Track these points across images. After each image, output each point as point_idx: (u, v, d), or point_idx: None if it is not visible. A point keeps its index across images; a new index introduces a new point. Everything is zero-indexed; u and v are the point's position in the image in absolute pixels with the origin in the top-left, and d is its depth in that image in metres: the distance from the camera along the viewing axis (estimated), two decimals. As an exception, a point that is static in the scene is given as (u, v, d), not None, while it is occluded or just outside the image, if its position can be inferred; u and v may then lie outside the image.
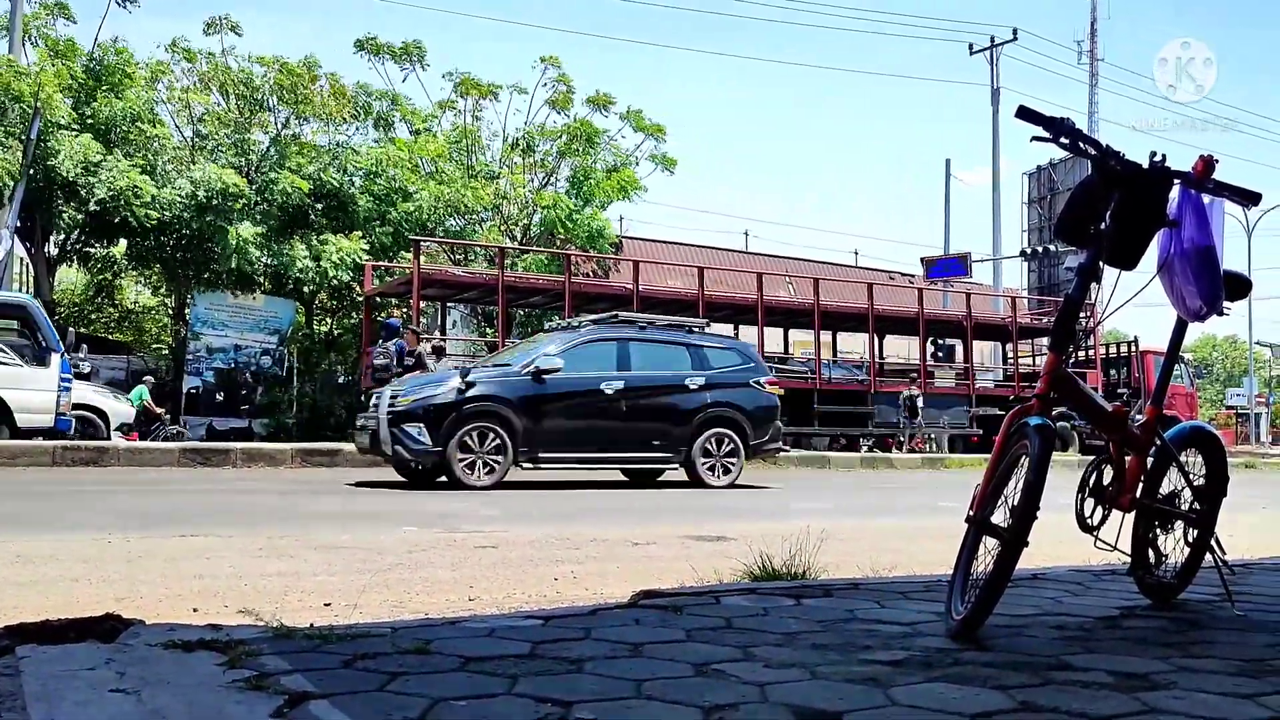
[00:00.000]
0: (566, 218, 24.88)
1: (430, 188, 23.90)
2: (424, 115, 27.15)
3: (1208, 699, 2.12)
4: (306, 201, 22.69)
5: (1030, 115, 2.85)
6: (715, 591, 3.41)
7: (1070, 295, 2.88)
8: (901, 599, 3.34)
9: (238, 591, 4.11)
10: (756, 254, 36.22)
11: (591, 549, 5.77)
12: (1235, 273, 3.06)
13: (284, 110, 24.23)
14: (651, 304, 22.72)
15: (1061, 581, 3.80)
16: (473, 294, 23.11)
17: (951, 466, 18.65)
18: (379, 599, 3.98)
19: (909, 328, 25.02)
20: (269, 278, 23.15)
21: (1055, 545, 4.27)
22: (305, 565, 4.92)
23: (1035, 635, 2.79)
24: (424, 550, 5.58)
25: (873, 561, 4.57)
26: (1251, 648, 2.67)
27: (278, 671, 2.16)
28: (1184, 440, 3.33)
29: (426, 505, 8.74)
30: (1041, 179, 36.66)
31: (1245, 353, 57.77)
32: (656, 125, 27.82)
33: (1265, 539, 6.05)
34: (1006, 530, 2.69)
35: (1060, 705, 2.04)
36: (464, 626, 2.76)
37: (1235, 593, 3.40)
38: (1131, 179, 2.82)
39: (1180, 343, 3.38)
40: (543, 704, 1.98)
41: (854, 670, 2.32)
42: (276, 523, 6.92)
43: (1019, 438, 2.82)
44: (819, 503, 9.91)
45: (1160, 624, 3.03)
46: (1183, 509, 3.31)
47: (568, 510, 8.76)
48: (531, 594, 4.23)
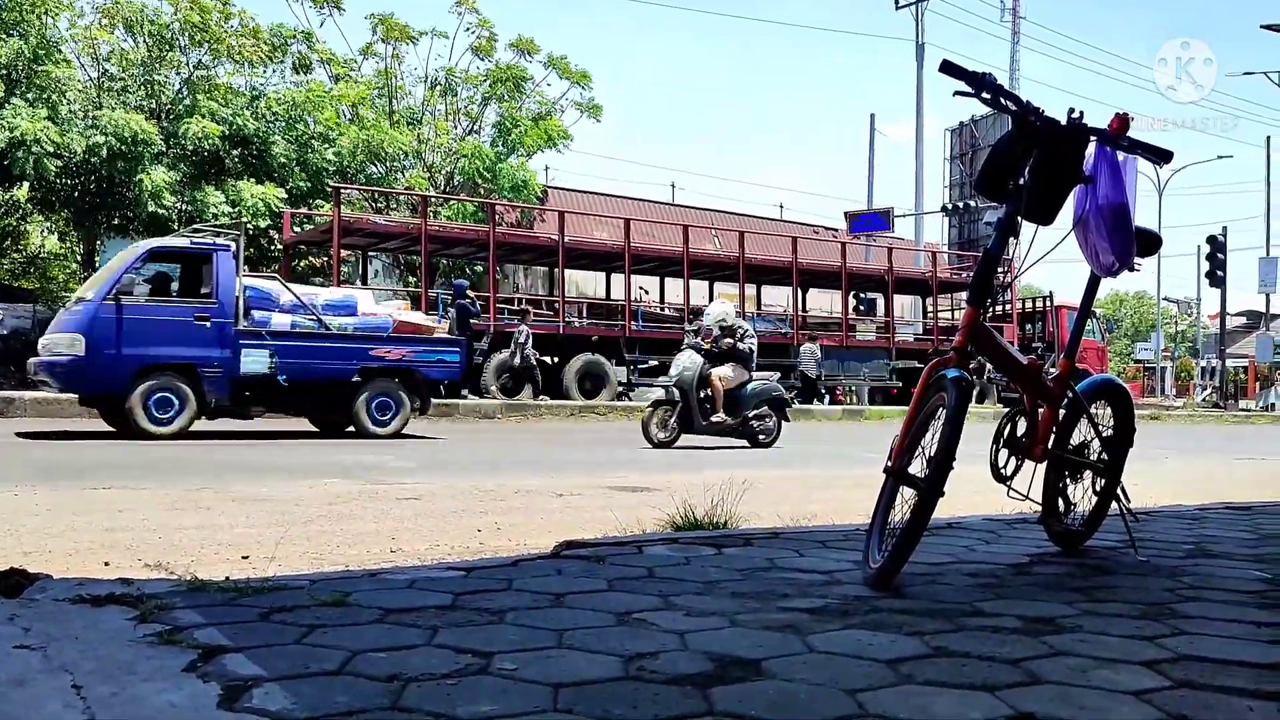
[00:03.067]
0: (487, 168, 24.55)
1: (351, 133, 23.38)
2: (344, 60, 26.48)
3: (1109, 641, 2.19)
4: (221, 146, 22.02)
5: (953, 70, 2.87)
6: (638, 541, 3.43)
7: (988, 250, 2.92)
8: (821, 548, 3.39)
9: (151, 545, 4.02)
10: (683, 206, 36.16)
11: (515, 500, 5.76)
12: (1146, 229, 3.13)
13: (195, 51, 23.41)
14: (577, 255, 22.63)
15: (976, 530, 3.89)
16: (395, 243, 22.76)
17: (871, 418, 19.00)
18: (298, 551, 3.93)
19: (832, 281, 25.31)
20: (184, 224, 22.48)
21: (973, 494, 4.37)
22: (222, 518, 4.84)
23: (950, 582, 2.86)
24: (345, 502, 5.52)
25: (793, 511, 4.64)
26: (1152, 592, 2.76)
27: (191, 625, 2.11)
28: (1094, 393, 3.42)
29: (348, 457, 8.64)
30: (964, 135, 37.11)
31: (1153, 308, 59.61)
32: (582, 72, 27.55)
33: (1169, 488, 6.28)
34: (923, 481, 2.73)
35: (971, 650, 2.09)
36: (384, 579, 2.73)
37: (1138, 539, 3.52)
38: (1049, 135, 2.86)
39: (1093, 297, 3.46)
40: (463, 655, 1.97)
41: (773, 618, 2.35)
42: (192, 475, 6.79)
43: (936, 390, 2.87)
44: (742, 454, 10.02)
45: (1068, 570, 3.13)
46: (1092, 459, 3.41)
47: (491, 460, 8.73)
48: (455, 545, 4.21)
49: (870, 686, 1.83)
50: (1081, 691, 1.82)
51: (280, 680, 1.76)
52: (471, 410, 16.23)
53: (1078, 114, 2.92)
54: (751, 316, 23.24)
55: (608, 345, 20.31)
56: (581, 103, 27.89)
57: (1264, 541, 3.81)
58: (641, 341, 20.71)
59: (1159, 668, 1.99)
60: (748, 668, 1.93)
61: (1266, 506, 5.07)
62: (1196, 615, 2.48)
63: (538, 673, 1.86)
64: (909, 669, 1.95)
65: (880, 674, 1.91)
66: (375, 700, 1.68)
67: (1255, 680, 1.92)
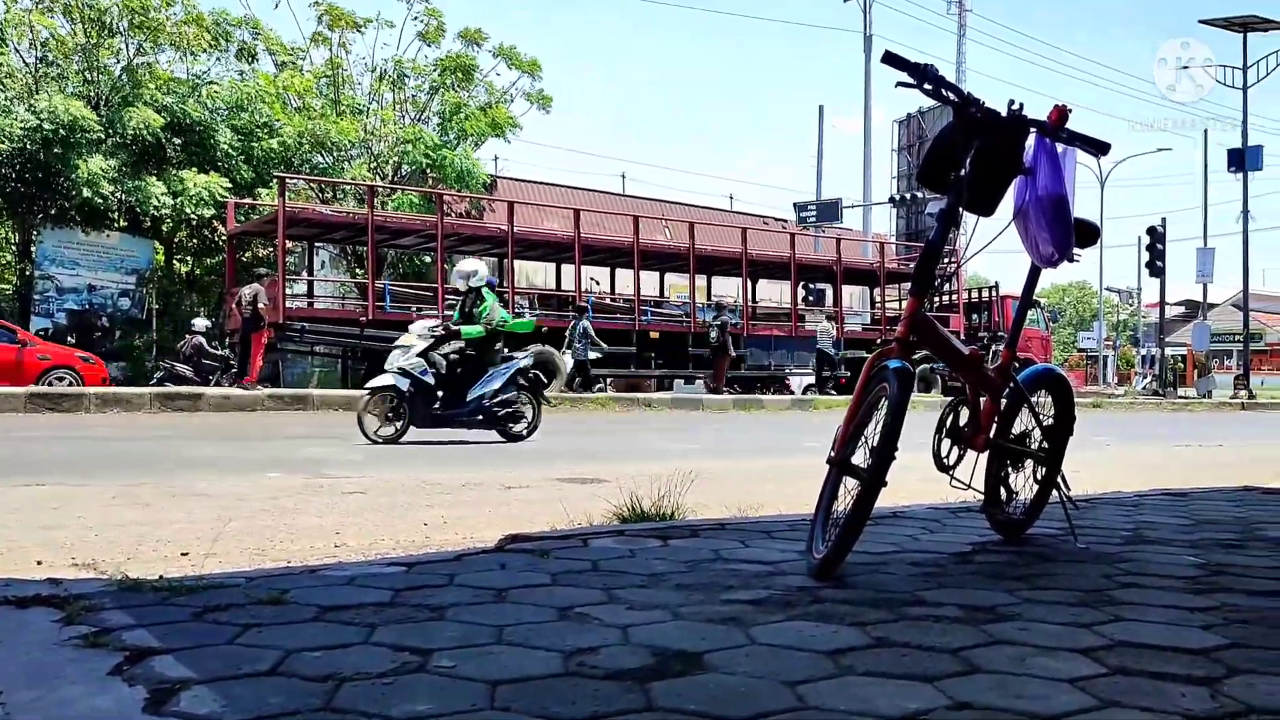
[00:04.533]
0: (432, 150, 24.31)
1: (296, 122, 23.04)
2: (290, 48, 26.08)
3: (1048, 629, 2.22)
4: (162, 135, 21.58)
5: (895, 61, 2.88)
6: (583, 534, 3.41)
7: (930, 241, 2.94)
8: (766, 538, 3.40)
9: (88, 543, 3.92)
10: (633, 197, 36.10)
11: (463, 493, 5.71)
12: (1085, 220, 3.16)
13: (136, 37, 22.91)
14: (527, 246, 22.50)
15: (920, 519, 3.92)
16: (341, 234, 22.46)
17: (820, 408, 19.12)
18: (240, 548, 3.86)
19: (781, 272, 25.40)
20: (123, 214, 22.05)
21: (918, 484, 4.41)
22: (162, 514, 4.73)
23: (893, 572, 2.88)
24: (289, 496, 5.43)
25: (740, 501, 4.65)
26: (1090, 579, 2.80)
27: (120, 627, 2.06)
28: (1035, 382, 3.46)
29: (292, 451, 8.52)
30: (911, 126, 37.45)
31: (1095, 298, 60.63)
32: (532, 61, 27.38)
33: (1109, 475, 6.38)
34: (866, 471, 2.74)
35: (912, 640, 2.10)
36: (324, 575, 2.69)
37: (1078, 527, 3.57)
38: (989, 126, 2.88)
39: (1034, 288, 3.49)
40: (401, 653, 1.94)
41: (716, 610, 2.35)
42: (132, 470, 6.64)
43: (879, 381, 2.88)
44: (692, 444, 10.03)
45: (1009, 558, 3.16)
46: (1033, 448, 3.44)
47: (439, 453, 8.66)
48: (400, 540, 4.16)
49: (811, 679, 1.83)
50: (1019, 680, 1.84)
51: (210, 682, 1.72)
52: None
53: (1017, 105, 2.94)
54: (702, 307, 23.28)
55: (558, 336, 20.23)
56: (531, 93, 27.74)
57: (1199, 527, 3.88)
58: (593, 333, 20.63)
59: (1095, 655, 2.01)
60: (689, 661, 1.92)
61: (1203, 492, 5.17)
62: (1133, 601, 2.51)
63: (476, 670, 1.84)
64: (850, 660, 1.95)
65: (821, 666, 1.91)
66: (308, 701, 1.65)
67: (1188, 666, 1.95)
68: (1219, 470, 7.86)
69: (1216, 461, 9.14)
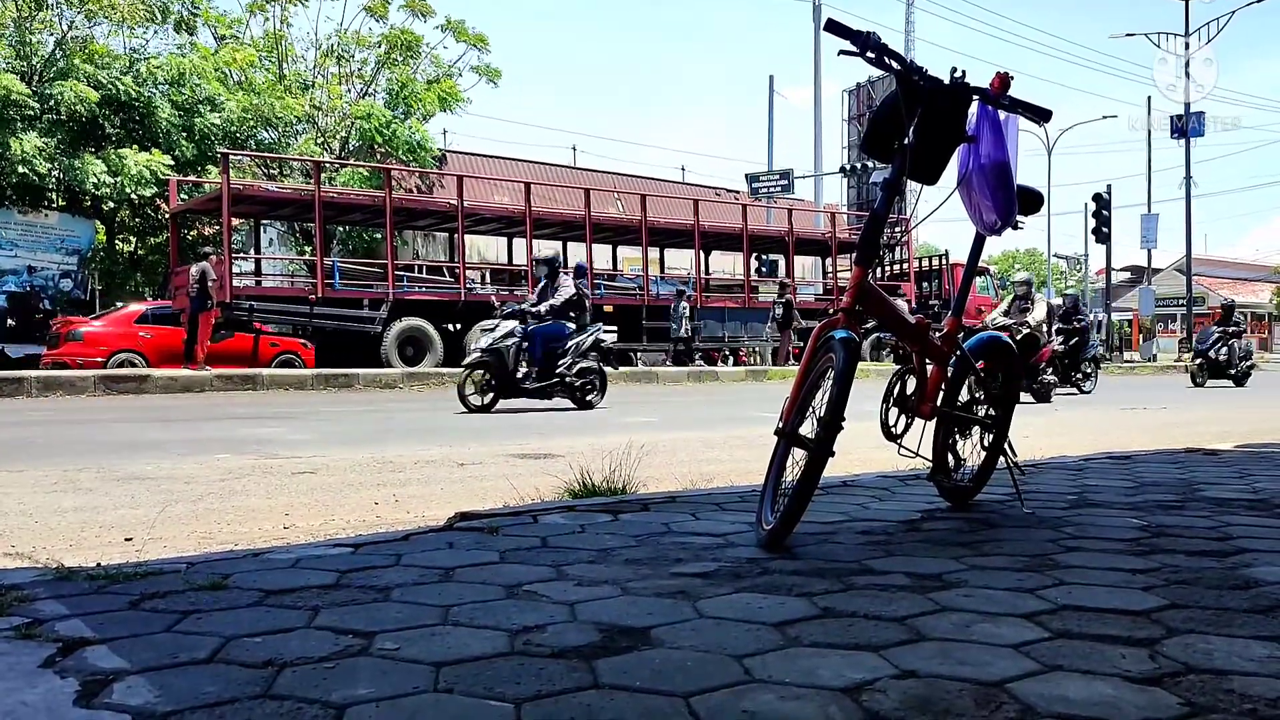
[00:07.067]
0: (383, 126, 23.99)
1: (239, 98, 22.59)
2: (229, 21, 25.54)
3: (993, 595, 2.23)
4: (99, 111, 21.07)
5: (838, 29, 2.86)
6: (533, 510, 3.39)
7: (875, 210, 2.93)
8: (717, 510, 3.40)
9: (27, 530, 3.84)
10: (584, 170, 35.93)
11: (416, 471, 5.66)
12: (1028, 188, 3.17)
13: (70, 10, 22.30)
14: (477, 220, 22.32)
15: (869, 488, 3.95)
16: (288, 210, 22.11)
17: (774, 378, 19.21)
18: (186, 532, 3.79)
19: (734, 243, 25.43)
20: (61, 193, 21.54)
21: (869, 452, 4.43)
22: (105, 499, 4.64)
23: (841, 541, 2.89)
24: (238, 478, 5.35)
25: (693, 473, 4.65)
26: (1035, 544, 2.83)
27: (53, 617, 2.01)
28: (981, 350, 3.47)
29: (241, 431, 8.39)
30: (861, 96, 37.56)
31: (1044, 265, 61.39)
32: (479, 35, 27.08)
33: (1055, 440, 6.48)
34: (813, 442, 2.74)
35: (859, 609, 2.11)
36: (268, 558, 2.65)
37: (1025, 492, 3.62)
38: (933, 94, 2.87)
39: (979, 255, 3.50)
40: (343, 636, 1.91)
41: (664, 584, 2.34)
42: (74, 454, 6.50)
43: (825, 351, 2.87)
44: (645, 417, 10.04)
45: (956, 525, 3.18)
46: (980, 415, 3.47)
47: (384, 432, 8.58)
48: (350, 520, 4.11)
49: (758, 651, 1.82)
50: (964, 647, 1.85)
51: (145, 672, 1.68)
52: (371, 381, 15.94)
53: (960, 73, 2.93)
54: (655, 280, 23.27)
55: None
56: (480, 66, 27.44)
57: (1141, 490, 3.95)
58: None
59: (1039, 619, 2.03)
60: (636, 637, 1.91)
61: (1146, 455, 5.26)
62: (1076, 565, 2.54)
63: (420, 651, 1.82)
64: (797, 631, 1.95)
65: (768, 638, 1.91)
66: (246, 689, 1.62)
67: (1129, 628, 1.97)
68: (1163, 432, 8.01)
69: (1160, 423, 9.31)
